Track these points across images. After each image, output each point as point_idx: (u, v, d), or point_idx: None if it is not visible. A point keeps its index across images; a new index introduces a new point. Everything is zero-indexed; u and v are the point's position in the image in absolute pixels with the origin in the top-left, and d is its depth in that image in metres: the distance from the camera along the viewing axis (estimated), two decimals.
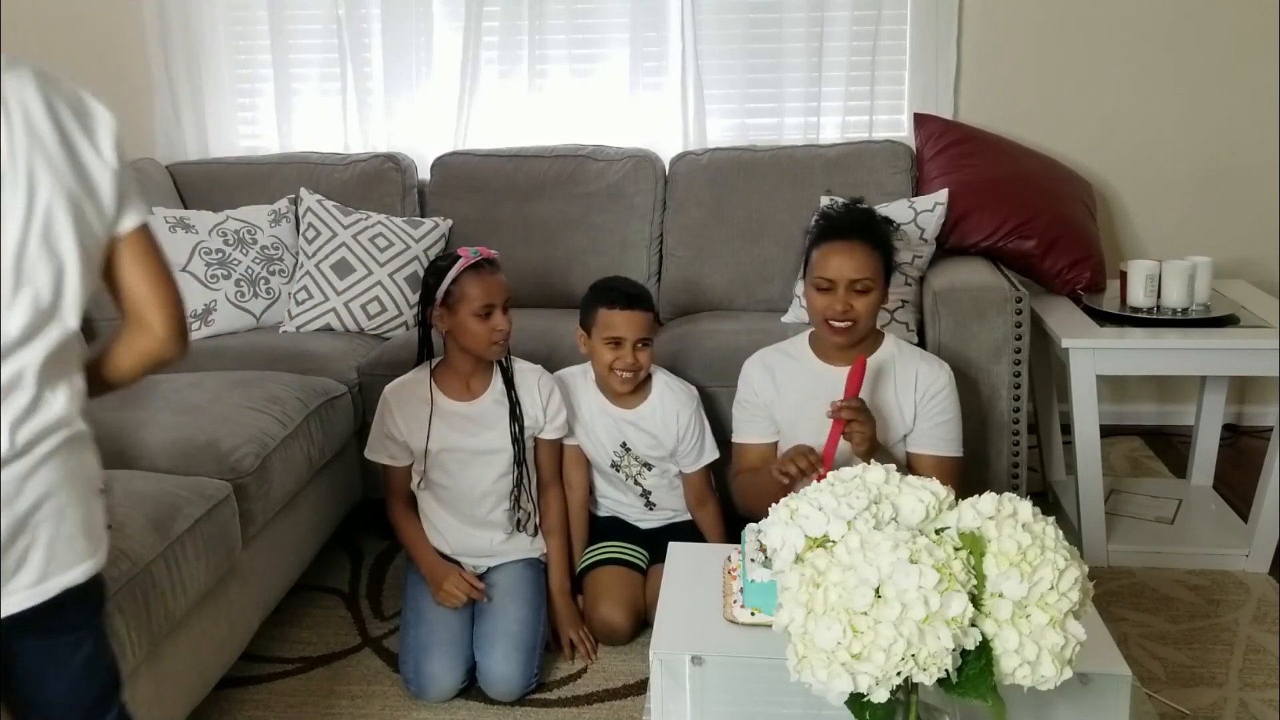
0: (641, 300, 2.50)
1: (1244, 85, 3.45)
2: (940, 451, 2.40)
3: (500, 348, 2.40)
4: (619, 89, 3.59)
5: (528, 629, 2.35)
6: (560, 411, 2.52)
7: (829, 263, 2.33)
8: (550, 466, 2.56)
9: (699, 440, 2.56)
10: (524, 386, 2.48)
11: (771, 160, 3.32)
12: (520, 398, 2.46)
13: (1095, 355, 2.66)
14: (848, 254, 2.33)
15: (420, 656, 2.30)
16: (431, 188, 3.49)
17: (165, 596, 1.94)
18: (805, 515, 1.36)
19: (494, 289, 2.37)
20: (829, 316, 2.34)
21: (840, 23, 3.48)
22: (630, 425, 2.54)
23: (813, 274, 2.36)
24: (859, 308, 2.32)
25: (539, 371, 2.53)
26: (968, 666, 1.25)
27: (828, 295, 2.33)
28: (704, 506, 2.61)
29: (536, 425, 2.50)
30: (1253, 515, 2.76)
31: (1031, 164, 3.30)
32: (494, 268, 2.41)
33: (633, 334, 2.46)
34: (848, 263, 2.32)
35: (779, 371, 2.46)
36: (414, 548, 2.48)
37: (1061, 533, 1.32)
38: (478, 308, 2.35)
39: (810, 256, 2.40)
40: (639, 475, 2.59)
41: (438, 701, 2.29)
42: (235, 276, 3.16)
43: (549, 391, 2.50)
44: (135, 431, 2.35)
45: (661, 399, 2.54)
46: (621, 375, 2.47)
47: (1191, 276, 2.77)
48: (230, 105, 3.74)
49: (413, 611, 2.40)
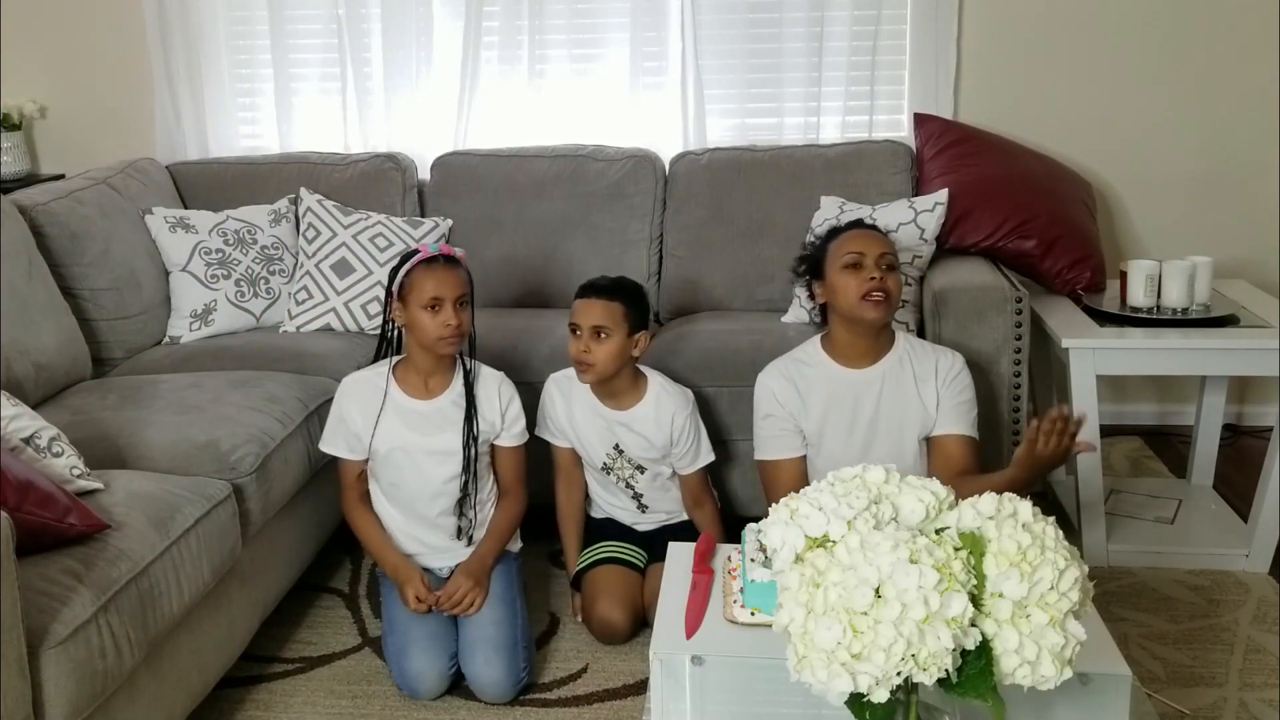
0: (602, 290, 2.45)
1: (1244, 85, 3.44)
2: (966, 430, 2.41)
3: (449, 343, 2.34)
4: (619, 89, 3.59)
5: (505, 628, 2.33)
6: (519, 419, 2.47)
7: (853, 242, 2.38)
8: (509, 475, 2.50)
9: (694, 443, 2.55)
10: (484, 391, 2.44)
11: (771, 160, 3.32)
12: (479, 402, 2.42)
13: (1095, 355, 2.66)
14: (868, 235, 2.41)
15: (401, 659, 2.30)
16: (431, 188, 3.49)
17: (165, 596, 1.94)
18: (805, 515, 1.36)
19: (446, 283, 2.31)
20: (865, 291, 2.33)
21: (840, 23, 3.48)
22: (622, 427, 2.53)
23: (836, 260, 2.38)
24: (889, 284, 2.34)
25: (500, 377, 2.48)
26: (968, 666, 1.25)
27: (858, 272, 2.34)
28: (700, 508, 2.61)
29: (493, 430, 2.45)
30: (1253, 515, 2.76)
31: (1031, 164, 3.30)
32: (452, 264, 2.36)
33: (586, 321, 2.42)
34: (871, 241, 2.39)
35: (799, 381, 2.44)
36: (375, 548, 2.45)
37: (1061, 533, 1.32)
38: (426, 300, 2.31)
39: (826, 252, 2.42)
40: (631, 478, 2.58)
41: (430, 698, 2.29)
42: (235, 276, 3.16)
43: (509, 398, 2.47)
44: (135, 431, 2.35)
45: (656, 400, 2.53)
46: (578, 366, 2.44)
47: (1191, 276, 2.77)
48: (230, 105, 3.74)
49: (388, 618, 2.39)
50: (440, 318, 2.31)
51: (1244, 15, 3.40)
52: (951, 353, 2.47)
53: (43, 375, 2.60)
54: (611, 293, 2.46)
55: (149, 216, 3.15)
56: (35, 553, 1.78)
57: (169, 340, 3.10)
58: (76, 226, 2.91)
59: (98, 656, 1.75)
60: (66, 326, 2.76)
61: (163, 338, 3.11)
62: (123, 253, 3.00)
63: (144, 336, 3.05)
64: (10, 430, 2.00)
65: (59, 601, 1.72)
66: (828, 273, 2.40)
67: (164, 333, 3.11)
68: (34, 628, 1.66)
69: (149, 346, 3.06)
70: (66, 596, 1.74)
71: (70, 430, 2.17)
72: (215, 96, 3.70)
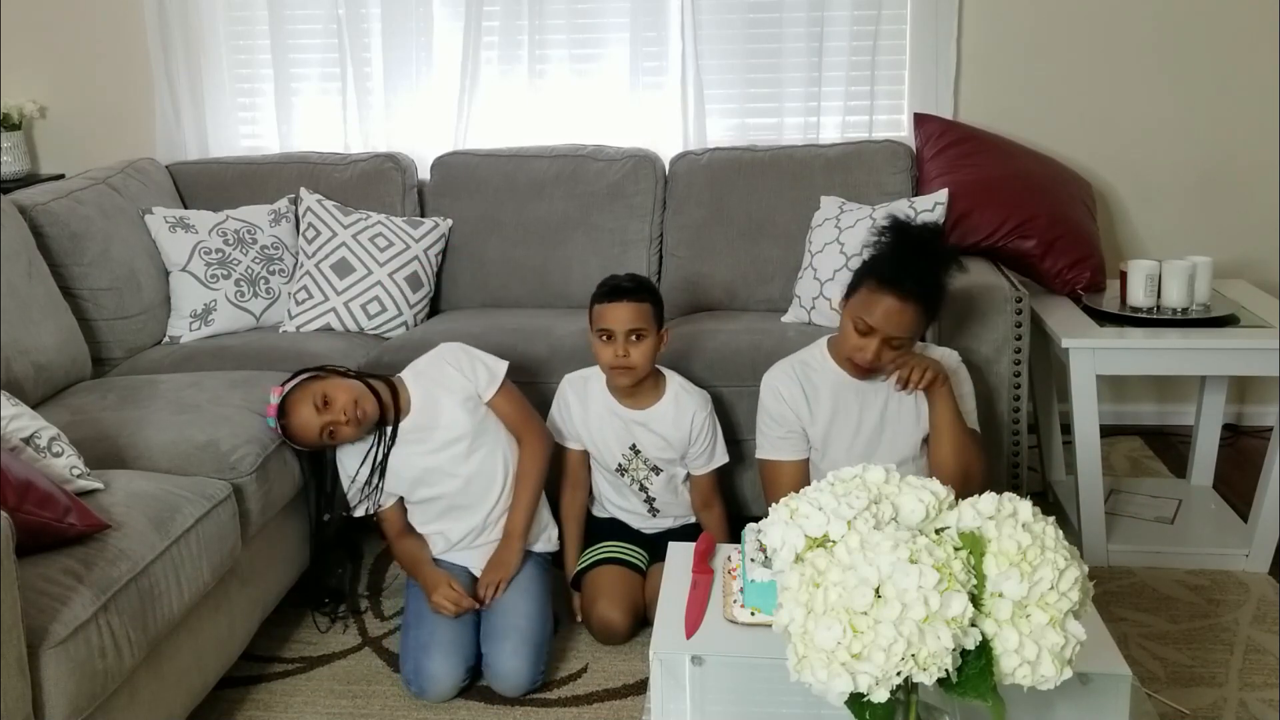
0: (629, 292, 2.43)
1: (1244, 85, 3.44)
2: (969, 424, 2.41)
3: (352, 428, 2.36)
4: (619, 88, 3.59)
5: (536, 624, 2.35)
6: (476, 365, 2.48)
7: (875, 309, 2.24)
8: (515, 419, 2.50)
9: (711, 443, 2.55)
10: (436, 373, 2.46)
11: (771, 160, 3.32)
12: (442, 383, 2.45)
13: (1095, 355, 2.66)
14: (898, 313, 2.24)
15: (420, 656, 2.29)
16: (431, 188, 3.49)
17: (165, 596, 1.94)
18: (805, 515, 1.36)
19: (306, 416, 2.35)
20: (858, 361, 2.30)
21: (840, 23, 3.48)
22: (640, 426, 2.52)
23: (854, 310, 2.28)
24: (886, 358, 2.29)
25: (440, 348, 2.51)
26: (968, 666, 1.25)
27: (864, 339, 2.28)
28: (709, 509, 2.61)
29: (472, 395, 2.46)
30: (1253, 515, 2.76)
31: (1031, 164, 3.30)
32: (308, 381, 2.41)
33: (621, 325, 2.40)
34: (893, 320, 2.24)
35: (805, 383, 2.43)
36: (412, 565, 2.46)
37: (1061, 533, 1.32)
38: (314, 436, 2.37)
39: (860, 285, 2.29)
40: (645, 480, 2.57)
41: (438, 701, 2.29)
42: (235, 276, 3.16)
43: (455, 357, 2.48)
44: (135, 431, 2.35)
45: (676, 400, 2.52)
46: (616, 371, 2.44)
47: (1191, 276, 2.77)
48: (230, 105, 3.74)
49: (414, 612, 2.40)
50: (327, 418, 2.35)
51: (1244, 15, 3.40)
52: (947, 350, 2.48)
53: (43, 375, 2.60)
54: (638, 293, 2.44)
55: (149, 216, 3.15)
56: (35, 553, 1.78)
57: (169, 340, 3.10)
58: (76, 226, 2.91)
59: (98, 656, 1.75)
60: (66, 326, 2.76)
61: (162, 338, 3.11)
62: (123, 253, 3.00)
63: (144, 336, 3.05)
64: (10, 430, 2.00)
65: (59, 601, 1.72)
66: (846, 309, 2.33)
67: (164, 333, 3.11)
68: (34, 628, 1.66)
69: (149, 346, 3.06)
70: (66, 596, 1.74)
71: (70, 430, 2.17)
72: (215, 96, 3.70)
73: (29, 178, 3.66)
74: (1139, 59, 3.47)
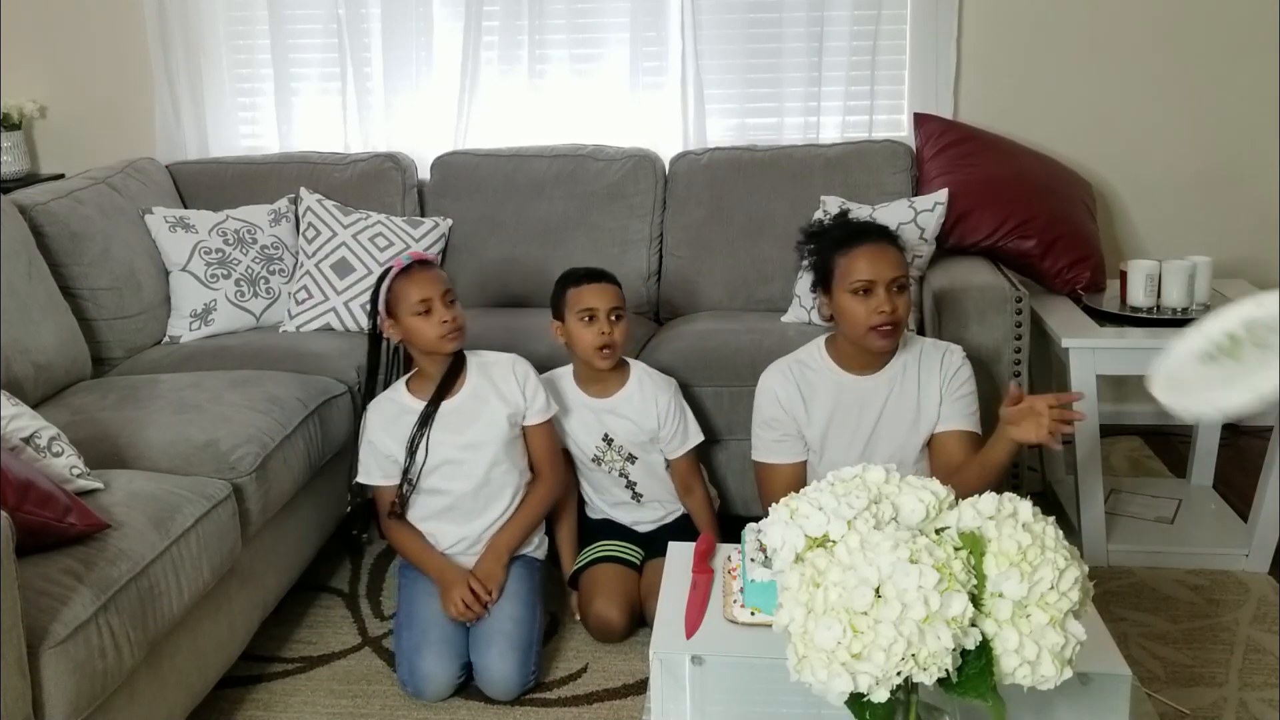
0: (603, 274, 2.54)
1: (1244, 85, 3.44)
2: (970, 426, 2.38)
3: (451, 339, 2.38)
4: (619, 88, 3.59)
5: (523, 627, 2.34)
6: (539, 392, 2.48)
7: (863, 265, 2.26)
8: (541, 453, 2.50)
9: (681, 424, 2.56)
10: (500, 377, 2.46)
11: (771, 160, 3.32)
12: (499, 388, 2.44)
13: (1095, 355, 2.66)
14: (880, 254, 2.27)
15: (414, 657, 2.30)
16: (431, 187, 3.49)
17: (165, 596, 1.94)
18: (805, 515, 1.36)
19: (427, 284, 2.37)
20: (876, 323, 2.25)
21: (840, 23, 3.48)
22: (609, 414, 2.54)
23: (845, 281, 2.27)
24: (900, 303, 2.27)
25: (513, 358, 2.51)
26: (968, 666, 1.25)
27: (868, 299, 2.25)
28: (691, 493, 2.61)
29: (520, 410, 2.46)
30: (1253, 515, 2.76)
31: (1031, 164, 3.30)
32: (426, 266, 2.43)
33: (604, 304, 2.47)
34: (883, 261, 2.26)
35: (802, 384, 2.41)
36: (419, 556, 2.43)
37: (1061, 533, 1.32)
38: (415, 306, 2.36)
39: (832, 265, 2.31)
40: (622, 469, 2.59)
41: (435, 700, 2.29)
42: (235, 276, 3.16)
43: (524, 373, 2.48)
44: (135, 431, 2.35)
45: (640, 383, 2.55)
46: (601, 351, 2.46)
47: (1191, 276, 2.77)
48: (230, 105, 3.74)
49: (405, 613, 2.39)
50: (435, 317, 2.36)
51: (1244, 15, 3.40)
52: (954, 348, 2.44)
53: (43, 375, 2.60)
54: (608, 276, 2.55)
55: (149, 216, 3.15)
56: (35, 552, 1.78)
57: (169, 340, 3.10)
58: (76, 226, 2.91)
59: (98, 656, 1.75)
60: (66, 326, 2.76)
61: (163, 337, 3.11)
62: (123, 252, 3.00)
63: (144, 336, 3.05)
64: (10, 430, 2.00)
65: (59, 601, 1.72)
66: (835, 291, 2.32)
67: (164, 332, 3.11)
68: (34, 628, 1.66)
69: (149, 346, 3.06)
70: (66, 596, 1.74)
71: (70, 430, 2.17)
72: (215, 96, 3.70)
73: (29, 177, 3.66)
74: (1139, 59, 3.47)
